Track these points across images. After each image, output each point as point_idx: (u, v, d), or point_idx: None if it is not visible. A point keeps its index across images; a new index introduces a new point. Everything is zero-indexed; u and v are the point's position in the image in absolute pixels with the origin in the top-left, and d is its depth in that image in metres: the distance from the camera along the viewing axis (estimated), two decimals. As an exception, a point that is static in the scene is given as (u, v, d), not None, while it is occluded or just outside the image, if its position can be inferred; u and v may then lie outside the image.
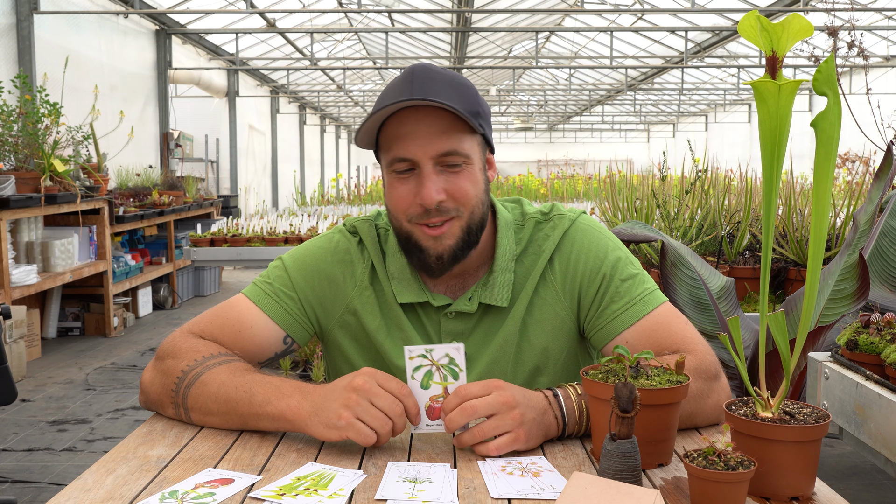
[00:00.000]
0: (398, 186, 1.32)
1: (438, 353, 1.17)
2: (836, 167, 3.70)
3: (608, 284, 1.37)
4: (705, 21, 11.19)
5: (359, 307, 1.41)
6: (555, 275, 1.40)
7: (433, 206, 1.29)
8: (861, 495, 3.23)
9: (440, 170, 1.30)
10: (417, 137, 1.28)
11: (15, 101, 5.57)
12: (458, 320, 1.39)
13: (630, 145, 28.68)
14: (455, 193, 1.30)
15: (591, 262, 1.39)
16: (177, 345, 1.33)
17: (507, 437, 1.13)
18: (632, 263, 1.40)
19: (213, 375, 1.26)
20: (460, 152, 1.30)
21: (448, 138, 1.28)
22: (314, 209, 7.79)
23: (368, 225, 1.45)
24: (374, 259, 1.42)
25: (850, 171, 7.95)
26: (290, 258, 1.44)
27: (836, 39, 2.72)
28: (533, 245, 1.42)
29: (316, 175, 19.95)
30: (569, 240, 1.41)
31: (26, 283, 5.25)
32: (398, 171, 1.31)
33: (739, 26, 0.95)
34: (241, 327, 1.37)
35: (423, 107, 1.28)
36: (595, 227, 1.43)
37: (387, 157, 1.32)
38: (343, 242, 1.44)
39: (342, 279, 1.42)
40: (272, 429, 1.22)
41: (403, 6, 11.12)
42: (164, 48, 9.71)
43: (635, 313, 1.34)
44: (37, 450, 3.78)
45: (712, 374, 1.27)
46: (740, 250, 3.57)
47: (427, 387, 1.18)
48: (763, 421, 1.00)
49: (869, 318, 1.74)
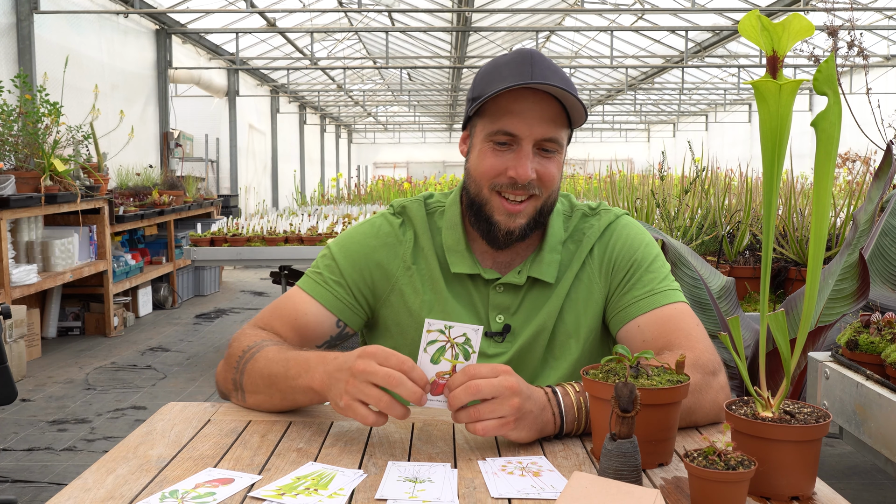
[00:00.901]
0: (490, 156, 1.39)
1: (457, 331, 1.18)
2: (837, 167, 3.70)
3: (635, 271, 1.45)
4: (706, 21, 11.19)
5: (404, 287, 1.48)
6: (594, 259, 1.48)
7: (524, 182, 1.37)
8: (861, 495, 3.23)
9: (535, 152, 1.38)
10: (528, 118, 1.36)
11: (15, 101, 5.57)
12: (506, 294, 1.46)
13: (630, 145, 28.68)
14: (543, 175, 1.39)
15: (627, 249, 1.47)
16: (241, 334, 1.43)
17: (498, 421, 1.13)
18: (663, 262, 1.48)
19: (264, 353, 1.34)
20: (557, 140, 1.39)
21: (553, 126, 1.37)
22: (314, 209, 7.79)
23: (418, 204, 1.53)
24: (420, 235, 1.49)
25: (851, 171, 7.95)
26: (336, 246, 1.52)
27: (836, 39, 2.72)
28: (577, 233, 1.51)
29: (316, 174, 19.95)
30: (611, 230, 1.50)
31: (26, 282, 5.25)
32: (497, 143, 1.38)
33: (740, 26, 0.94)
34: (297, 315, 1.45)
35: (540, 90, 1.36)
36: (637, 226, 1.53)
37: (489, 127, 1.39)
38: (385, 226, 1.51)
39: (386, 262, 1.49)
40: (307, 402, 1.29)
41: (404, 6, 11.12)
42: (164, 48, 9.71)
43: (652, 302, 1.41)
44: (37, 449, 3.78)
45: (710, 370, 1.29)
46: (740, 250, 3.57)
47: (437, 362, 1.18)
48: (763, 421, 1.00)
49: (869, 317, 1.74)
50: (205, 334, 6.60)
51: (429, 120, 26.20)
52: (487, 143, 1.39)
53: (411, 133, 28.84)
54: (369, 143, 29.95)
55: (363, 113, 22.91)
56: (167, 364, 5.53)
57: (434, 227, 1.51)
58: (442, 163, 29.05)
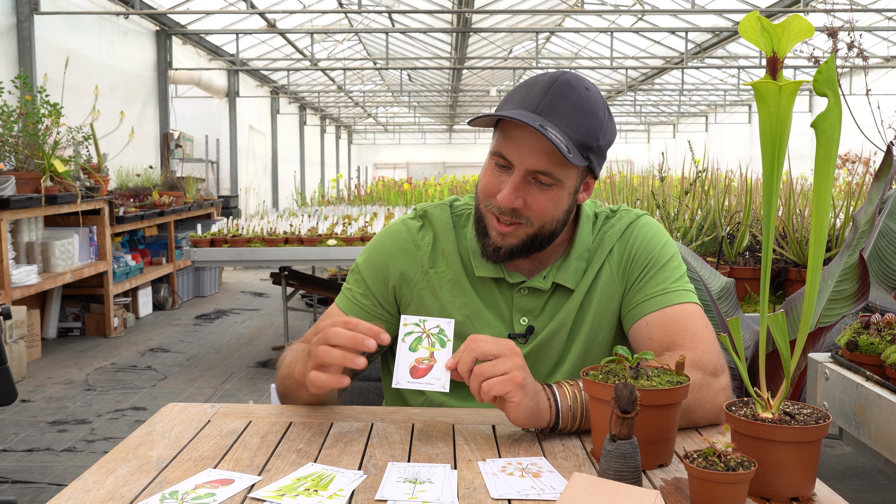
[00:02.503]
0: (490, 174, 1.40)
1: (431, 323, 1.27)
2: (837, 168, 3.70)
3: (651, 269, 1.46)
4: (705, 22, 11.19)
5: (423, 291, 1.50)
6: (613, 258, 1.49)
7: (507, 209, 1.36)
8: (861, 496, 3.23)
9: (529, 181, 1.36)
10: (522, 147, 1.34)
11: (15, 102, 5.57)
12: (530, 297, 1.47)
13: (630, 146, 28.68)
14: (533, 206, 1.36)
15: (646, 247, 1.48)
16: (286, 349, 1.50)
17: (504, 377, 1.16)
18: (680, 262, 1.49)
19: (289, 352, 1.44)
20: (554, 176, 1.35)
21: (547, 160, 1.33)
22: (314, 209, 7.78)
23: (441, 208, 1.54)
24: (442, 238, 1.50)
25: (851, 172, 7.95)
26: (362, 258, 1.56)
27: (836, 40, 2.72)
28: (599, 235, 1.51)
29: (316, 175, 19.95)
30: (630, 229, 1.51)
31: (26, 283, 5.25)
32: (497, 164, 1.39)
33: (740, 27, 0.95)
34: None
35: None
36: (657, 226, 1.53)
37: (494, 146, 1.40)
38: (402, 231, 1.54)
39: (405, 267, 1.51)
40: (308, 398, 1.37)
41: (404, 7, 11.12)
42: (164, 49, 9.71)
43: (663, 301, 1.42)
44: (37, 450, 3.78)
45: (711, 370, 1.29)
46: (740, 251, 3.57)
47: (415, 349, 1.25)
48: (763, 422, 1.00)
49: (869, 318, 1.74)
50: (205, 335, 6.60)
51: (429, 121, 26.20)
52: (491, 159, 1.40)
53: (411, 134, 28.84)
54: (369, 143, 29.95)
55: (363, 114, 22.91)
56: (167, 365, 5.53)
57: (460, 230, 1.51)
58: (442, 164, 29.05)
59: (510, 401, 1.16)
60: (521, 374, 1.16)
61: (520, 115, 1.32)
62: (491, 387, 1.15)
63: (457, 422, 1.31)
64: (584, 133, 1.34)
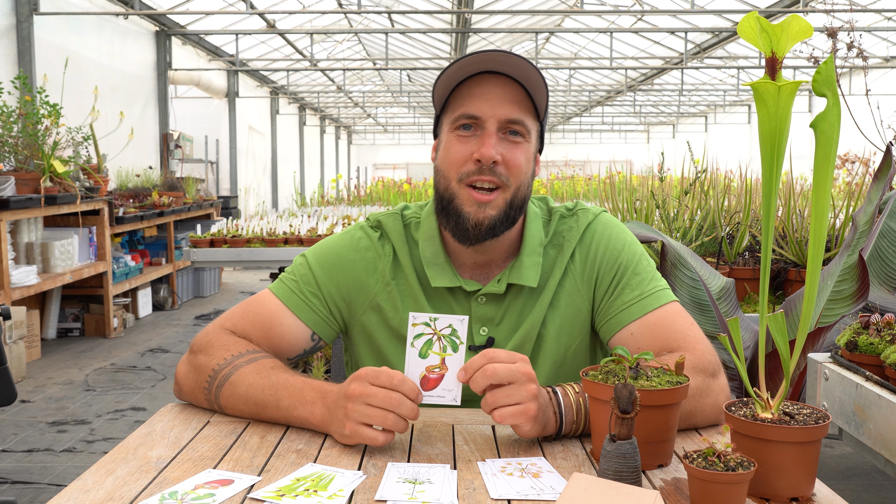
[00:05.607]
0: (456, 145, 1.37)
1: (442, 322, 1.19)
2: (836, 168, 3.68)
3: (622, 276, 1.41)
4: (705, 22, 11.19)
5: (382, 302, 1.44)
6: (575, 265, 1.44)
7: (488, 164, 1.33)
8: (861, 496, 3.23)
9: (501, 136, 1.35)
10: (490, 99, 1.34)
11: (15, 102, 5.57)
12: (489, 305, 1.42)
13: (630, 146, 28.67)
14: (510, 161, 1.35)
15: (610, 253, 1.43)
16: (209, 340, 1.38)
17: (517, 408, 1.13)
18: (647, 260, 1.44)
19: (242, 377, 1.30)
20: (523, 123, 1.36)
21: (518, 108, 1.35)
22: (314, 210, 7.78)
23: (394, 218, 1.49)
24: (398, 250, 1.45)
25: (850, 172, 7.95)
26: (314, 256, 1.47)
27: (835, 40, 2.72)
28: (557, 237, 1.47)
29: (316, 176, 19.95)
30: (590, 233, 1.46)
31: (26, 283, 5.25)
32: (462, 129, 1.36)
33: (739, 27, 0.95)
34: (272, 325, 1.41)
35: (503, 75, 1.35)
36: (616, 224, 1.49)
37: (453, 115, 1.38)
38: (364, 239, 1.47)
39: (364, 275, 1.45)
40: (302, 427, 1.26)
41: (403, 7, 11.12)
42: (164, 49, 9.71)
43: (644, 307, 1.37)
44: (36, 450, 3.78)
45: (710, 372, 1.29)
46: (740, 251, 3.57)
47: (425, 356, 1.18)
48: (763, 422, 1.00)
49: (868, 318, 1.74)
50: (204, 335, 6.59)
51: (428, 121, 26.18)
52: (452, 133, 1.37)
53: (411, 134, 28.83)
54: (369, 144, 29.95)
55: (363, 114, 22.91)
56: (167, 365, 5.53)
57: (411, 239, 1.46)
58: (442, 164, 29.00)
59: (520, 428, 1.15)
60: (535, 406, 1.13)
61: (484, 56, 1.33)
62: (504, 417, 1.13)
63: (456, 422, 1.31)
64: (542, 86, 1.37)
